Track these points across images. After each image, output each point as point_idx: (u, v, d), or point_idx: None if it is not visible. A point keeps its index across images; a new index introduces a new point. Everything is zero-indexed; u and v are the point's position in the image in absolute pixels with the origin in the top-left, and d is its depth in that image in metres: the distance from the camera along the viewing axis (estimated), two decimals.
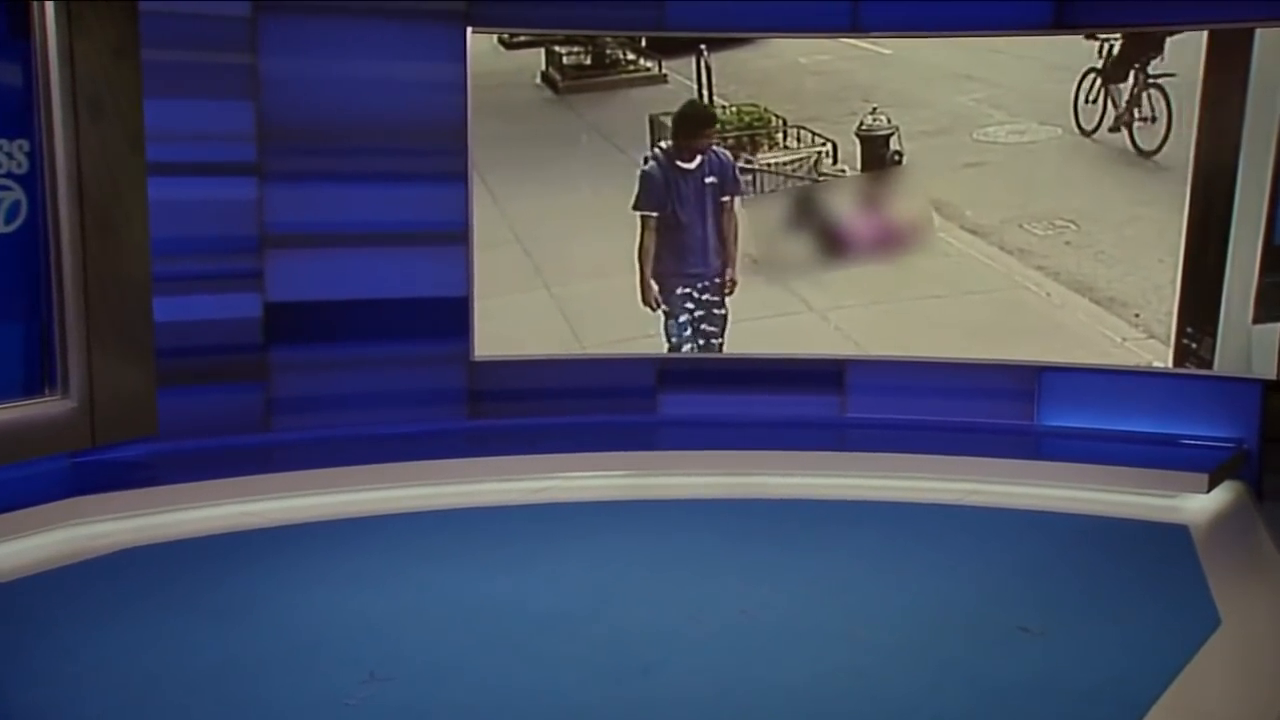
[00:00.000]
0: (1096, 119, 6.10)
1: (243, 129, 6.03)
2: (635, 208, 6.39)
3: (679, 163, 6.41)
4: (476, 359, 6.53)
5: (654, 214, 6.40)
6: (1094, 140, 6.13)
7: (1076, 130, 6.13)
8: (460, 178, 6.40)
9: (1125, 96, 6.06)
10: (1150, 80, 6.05)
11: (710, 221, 6.37)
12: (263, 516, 5.38)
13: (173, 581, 4.59)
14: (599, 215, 6.57)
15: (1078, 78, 6.17)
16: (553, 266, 6.59)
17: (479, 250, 6.45)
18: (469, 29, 6.34)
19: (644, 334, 6.64)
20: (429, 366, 6.47)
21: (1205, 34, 5.97)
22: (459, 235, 6.44)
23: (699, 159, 6.43)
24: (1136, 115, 6.07)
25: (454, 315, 6.48)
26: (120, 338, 5.74)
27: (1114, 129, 5.86)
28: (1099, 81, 6.06)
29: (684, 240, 6.49)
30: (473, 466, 5.93)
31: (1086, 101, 6.11)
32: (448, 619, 4.23)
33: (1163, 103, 6.01)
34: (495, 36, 6.43)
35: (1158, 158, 6.04)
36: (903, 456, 6.06)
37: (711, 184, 6.38)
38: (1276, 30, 5.87)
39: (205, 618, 4.23)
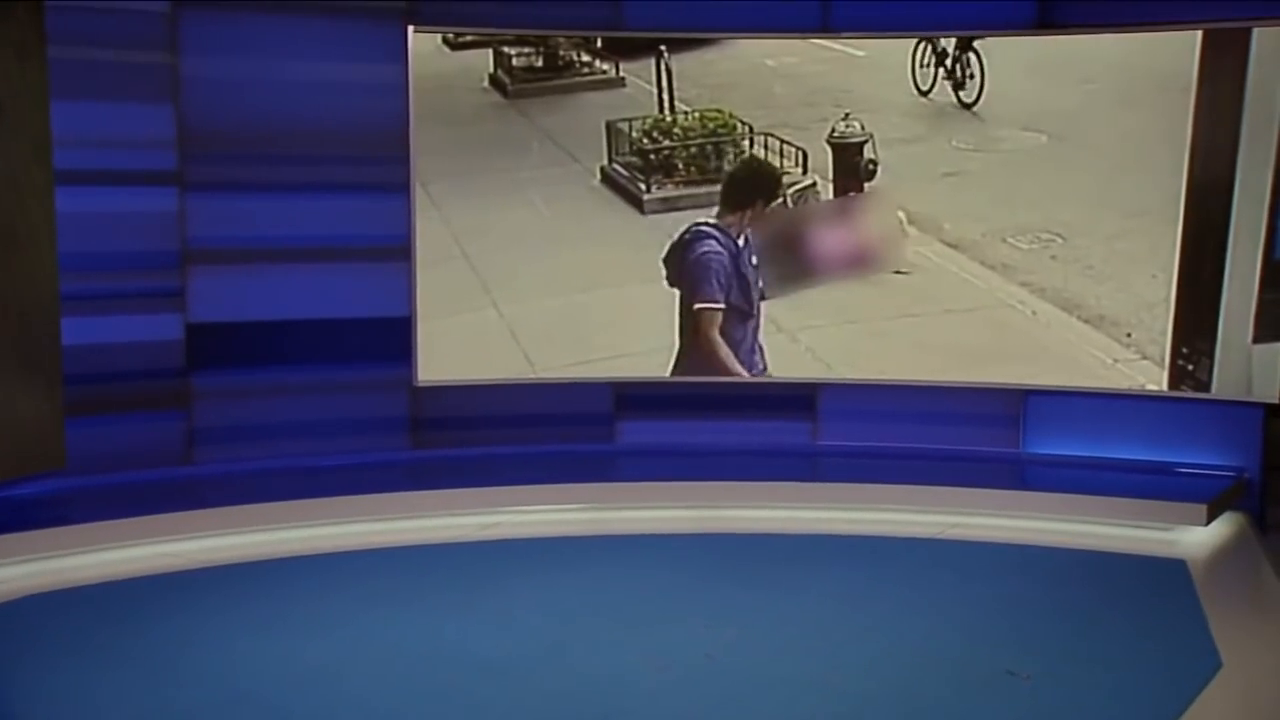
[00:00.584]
0: (930, 81, 6.40)
1: (162, 134, 5.97)
2: (702, 301, 6.45)
3: (735, 238, 6.45)
4: (420, 384, 6.49)
5: (720, 305, 6.47)
6: (928, 100, 6.42)
7: (915, 93, 6.45)
8: (401, 188, 6.36)
9: (950, 59, 6.42)
10: (968, 43, 6.43)
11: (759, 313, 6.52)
12: (185, 558, 5.29)
13: (85, 631, 4.49)
14: (552, 229, 6.54)
15: (911, 46, 6.46)
16: (502, 284, 6.55)
17: (422, 267, 6.40)
18: (410, 27, 6.30)
19: (601, 356, 6.60)
20: (368, 393, 6.44)
21: (1199, 34, 5.97)
22: (400, 250, 6.39)
23: (744, 236, 6.48)
24: (959, 75, 6.35)
25: (395, 337, 6.43)
26: (22, 363, 5.57)
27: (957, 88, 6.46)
28: (929, 49, 6.43)
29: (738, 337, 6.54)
30: (415, 501, 5.89)
31: (921, 66, 6.42)
32: (388, 668, 4.17)
33: (977, 63, 6.33)
34: (439, 36, 6.38)
35: (975, 109, 6.38)
36: (879, 487, 6.05)
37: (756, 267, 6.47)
38: (1275, 30, 5.88)
39: (122, 669, 4.14)
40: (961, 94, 6.39)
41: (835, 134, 6.51)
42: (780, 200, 6.56)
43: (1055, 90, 6.35)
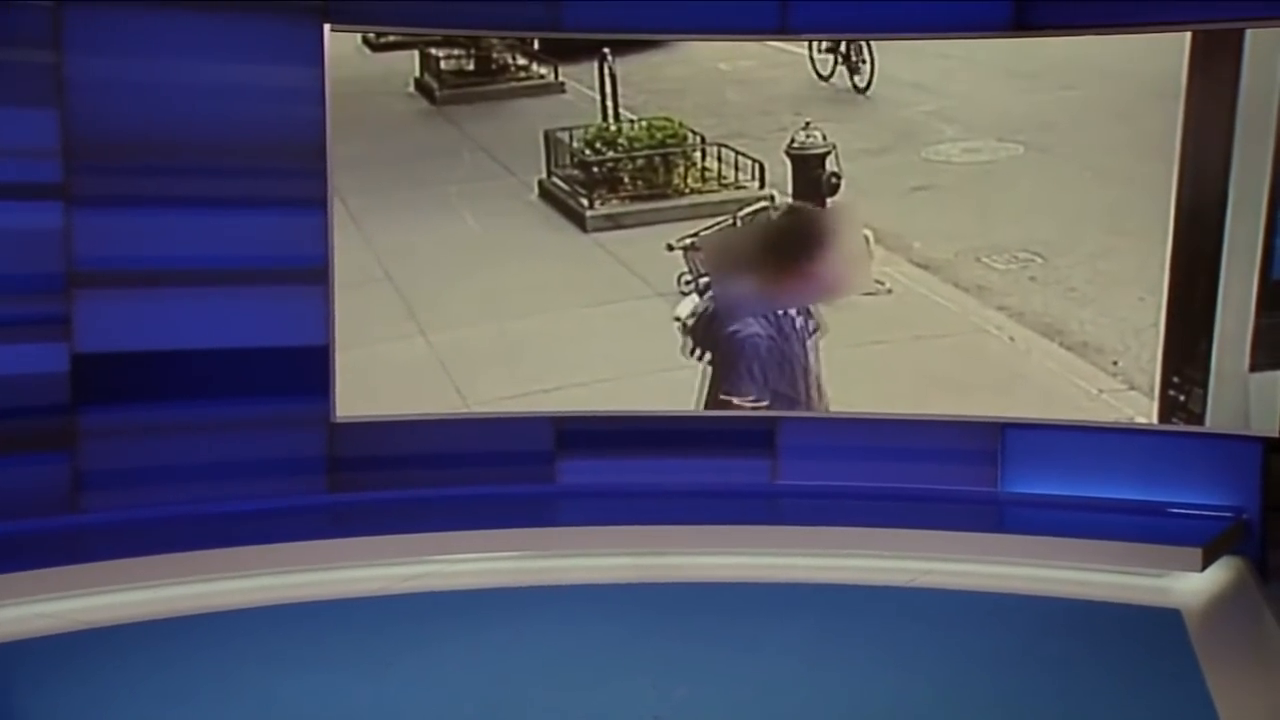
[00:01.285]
0: (829, 67, 6.57)
1: (44, 143, 5.91)
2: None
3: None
4: (338, 420, 6.42)
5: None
6: (828, 84, 6.56)
7: (816, 78, 6.60)
8: (317, 204, 6.29)
9: (843, 44, 6.54)
10: None
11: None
12: (64, 619, 5.14)
13: None
14: (485, 248, 6.50)
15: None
16: (430, 309, 6.51)
17: (341, 290, 6.35)
18: (326, 26, 6.24)
19: (539, 388, 6.55)
20: (279, 430, 6.37)
21: (1188, 36, 5.96)
22: (316, 272, 6.33)
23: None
24: (853, 59, 6.53)
25: (310, 368, 6.37)
26: None
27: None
28: None
29: None
30: (332, 550, 5.83)
31: (820, 53, 6.56)
32: None
33: (867, 50, 6.55)
34: (359, 35, 6.34)
35: (868, 94, 6.52)
36: (843, 531, 6.03)
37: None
38: (1271, 31, 5.87)
39: None
40: (856, 79, 6.50)
41: (795, 145, 6.50)
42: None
43: (1033, 98, 6.35)
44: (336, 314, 6.35)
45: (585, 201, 6.59)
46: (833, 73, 6.51)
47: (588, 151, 6.59)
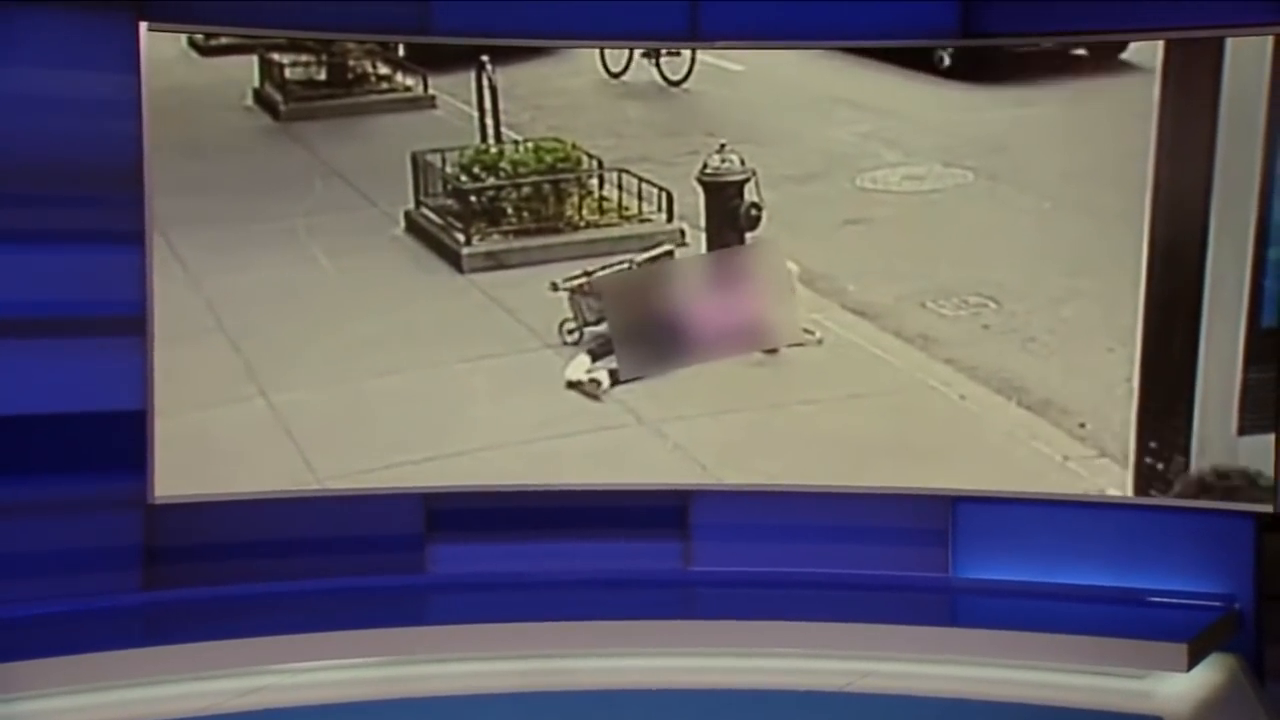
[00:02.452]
0: (623, 62, 6.50)
1: None
2: None
3: None
4: (156, 501, 6.03)
5: None
6: (621, 82, 6.46)
7: (605, 74, 6.46)
8: (132, 238, 5.96)
9: None
10: None
11: None
12: None
13: None
14: (341, 293, 6.25)
15: None
16: (273, 366, 6.22)
17: (161, 344, 5.99)
18: (143, 24, 5.91)
19: (406, 459, 6.26)
20: (84, 515, 6.00)
21: (1159, 45, 5.84)
22: (130, 322, 5.98)
23: None
24: (663, 50, 6.48)
25: (123, 439, 6.03)
26: None
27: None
28: None
29: None
30: (148, 660, 5.51)
31: None
32: None
33: None
34: (184, 37, 6.03)
35: (685, 86, 6.44)
36: (769, 625, 5.91)
37: None
38: (1253, 41, 5.73)
39: None
40: (666, 70, 6.45)
41: (708, 170, 6.37)
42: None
43: (984, 116, 6.26)
44: (156, 372, 5.98)
45: (461, 237, 6.42)
46: (626, 68, 6.39)
47: (464, 178, 6.43)
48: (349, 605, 6.02)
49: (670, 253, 6.49)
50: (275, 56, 6.23)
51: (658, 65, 6.46)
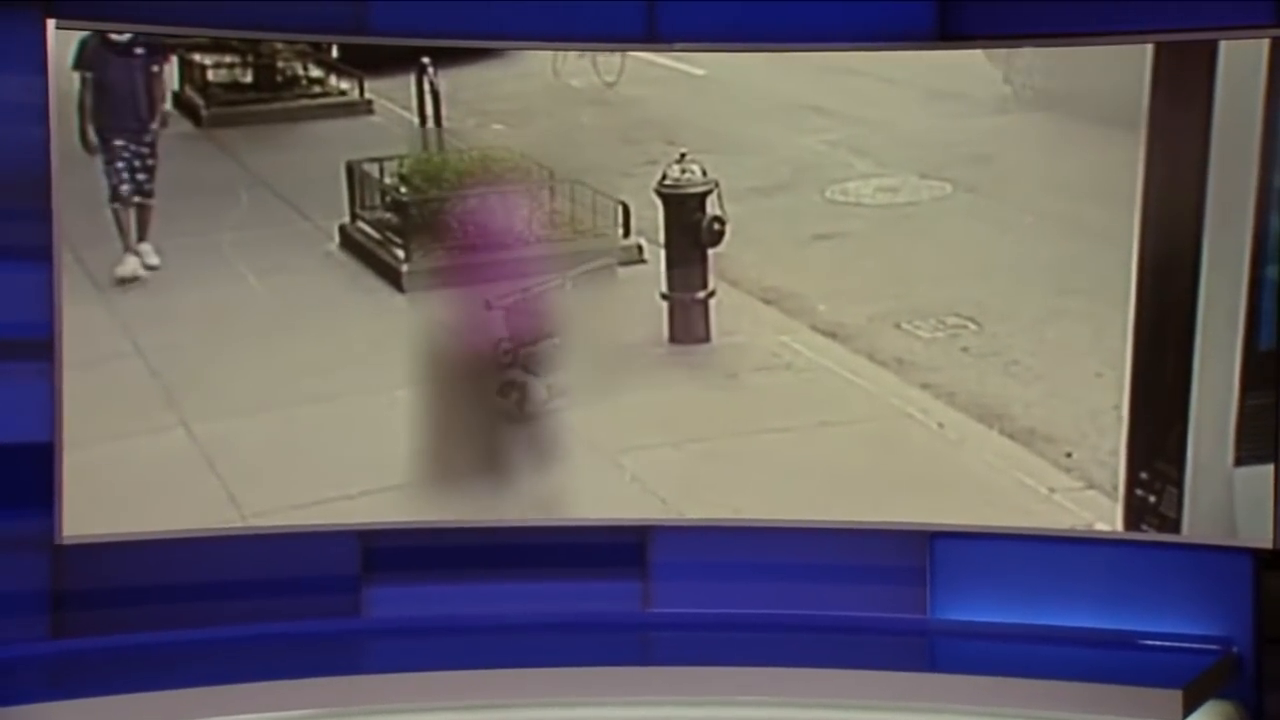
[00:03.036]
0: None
1: None
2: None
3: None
4: (65, 541, 5.80)
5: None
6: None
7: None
8: (39, 255, 5.75)
9: None
10: None
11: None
12: None
13: None
14: (269, 313, 6.09)
15: None
16: (195, 394, 6.02)
17: (71, 370, 5.80)
18: (50, 21, 5.75)
19: (340, 494, 6.10)
20: None
21: (1149, 49, 5.73)
22: (36, 346, 5.76)
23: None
24: None
25: (28, 473, 5.80)
26: None
27: None
28: None
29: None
30: (56, 715, 5.24)
31: None
32: None
33: None
34: (96, 36, 5.87)
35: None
36: (734, 672, 5.62)
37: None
38: (1250, 44, 5.61)
39: None
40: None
41: (667, 181, 6.23)
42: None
43: (963, 124, 6.17)
44: (65, 400, 5.81)
45: (401, 253, 6.26)
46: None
47: (404, 189, 6.29)
48: (278, 653, 5.83)
49: (614, 262, 6.42)
50: (196, 57, 6.08)
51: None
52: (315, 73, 6.25)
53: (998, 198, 6.13)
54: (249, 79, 6.17)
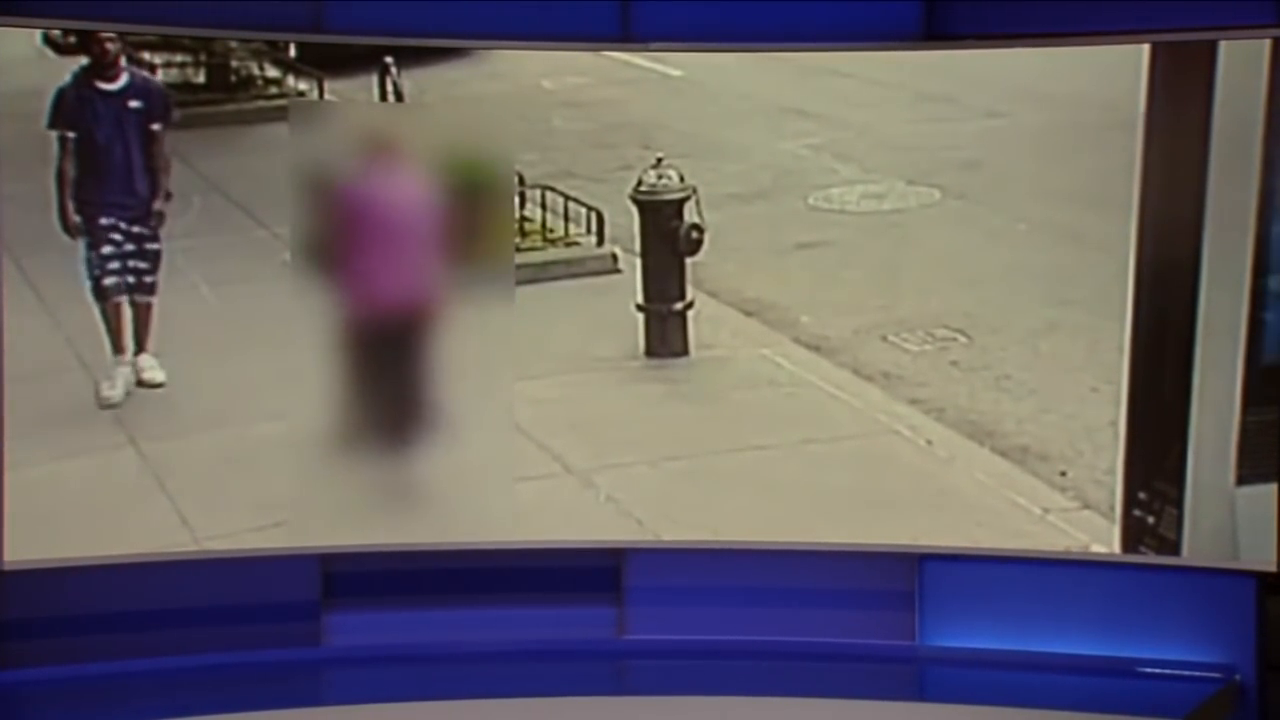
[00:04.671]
0: None
1: None
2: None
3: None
4: (6, 567, 5.72)
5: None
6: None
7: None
8: None
9: None
10: None
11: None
12: None
13: None
14: (224, 325, 5.99)
15: None
16: (144, 410, 5.93)
17: (12, 384, 5.71)
18: None
19: (301, 515, 5.97)
20: None
21: (1145, 50, 5.69)
22: None
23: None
24: None
25: None
26: None
27: None
28: None
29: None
30: None
31: None
32: None
33: None
34: (38, 33, 5.77)
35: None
36: (713, 702, 5.66)
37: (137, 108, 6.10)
38: (1250, 44, 5.56)
39: None
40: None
41: (643, 188, 6.24)
42: None
43: (952, 128, 6.17)
44: (5, 417, 5.68)
45: None
46: None
47: None
48: (234, 683, 5.82)
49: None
50: (146, 56, 5.97)
51: None
52: (272, 73, 6.16)
53: (988, 204, 6.12)
54: (201, 79, 6.08)
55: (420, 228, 6.23)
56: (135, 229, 6.15)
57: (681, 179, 6.22)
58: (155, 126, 6.13)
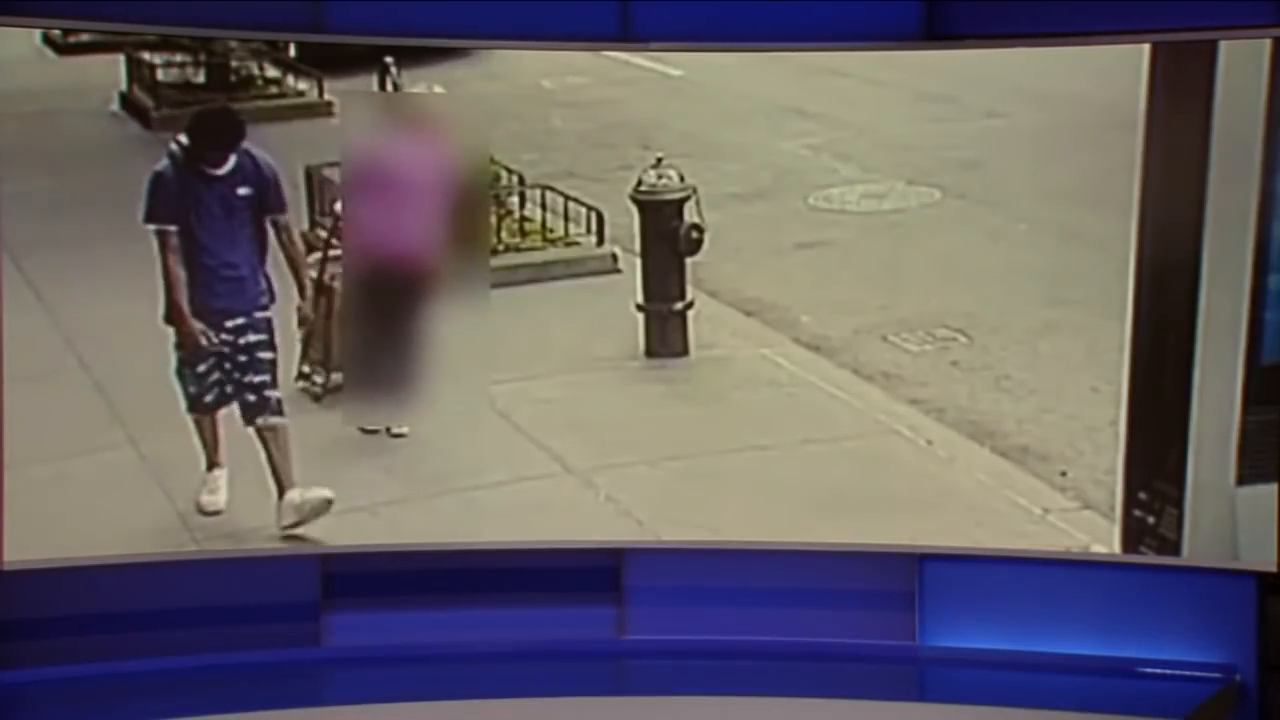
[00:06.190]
0: None
1: None
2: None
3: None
4: (7, 568, 5.70)
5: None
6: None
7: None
8: None
9: None
10: None
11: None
12: None
13: None
14: None
15: None
16: (143, 411, 5.91)
17: (11, 385, 5.69)
18: None
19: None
20: None
21: (1145, 49, 5.67)
22: None
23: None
24: None
25: None
26: None
27: None
28: None
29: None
30: None
31: None
32: None
33: None
34: (38, 32, 5.77)
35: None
36: (714, 702, 5.66)
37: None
38: (1251, 44, 5.55)
39: None
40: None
41: (643, 187, 6.23)
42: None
43: (952, 128, 6.16)
44: (4, 417, 5.68)
45: None
46: None
47: None
48: (234, 683, 5.81)
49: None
50: (146, 55, 5.98)
51: None
52: (272, 72, 6.17)
53: (989, 204, 6.10)
54: (201, 79, 6.07)
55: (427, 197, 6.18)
56: (248, 339, 5.95)
57: (681, 179, 6.22)
58: (278, 218, 5.95)
